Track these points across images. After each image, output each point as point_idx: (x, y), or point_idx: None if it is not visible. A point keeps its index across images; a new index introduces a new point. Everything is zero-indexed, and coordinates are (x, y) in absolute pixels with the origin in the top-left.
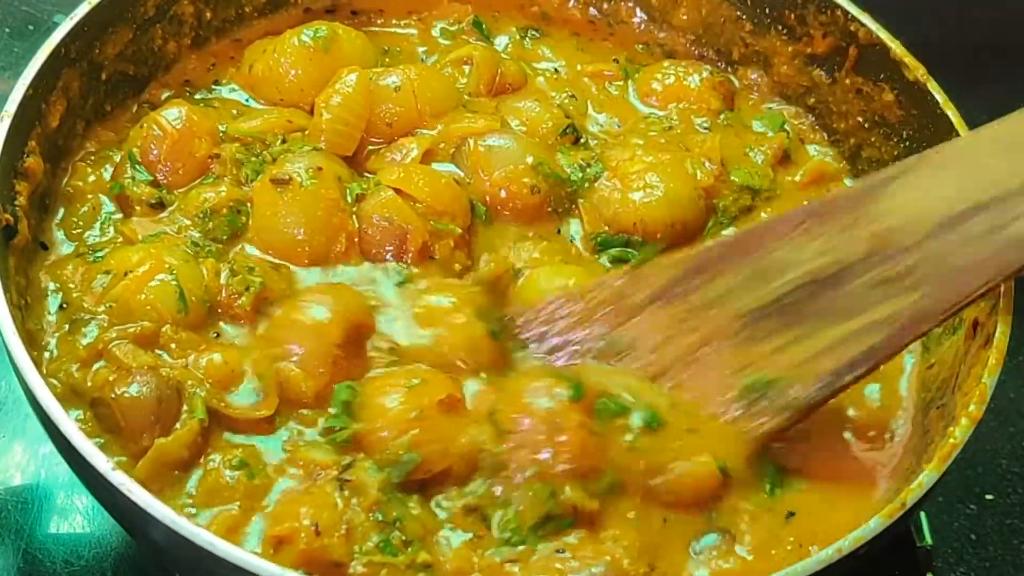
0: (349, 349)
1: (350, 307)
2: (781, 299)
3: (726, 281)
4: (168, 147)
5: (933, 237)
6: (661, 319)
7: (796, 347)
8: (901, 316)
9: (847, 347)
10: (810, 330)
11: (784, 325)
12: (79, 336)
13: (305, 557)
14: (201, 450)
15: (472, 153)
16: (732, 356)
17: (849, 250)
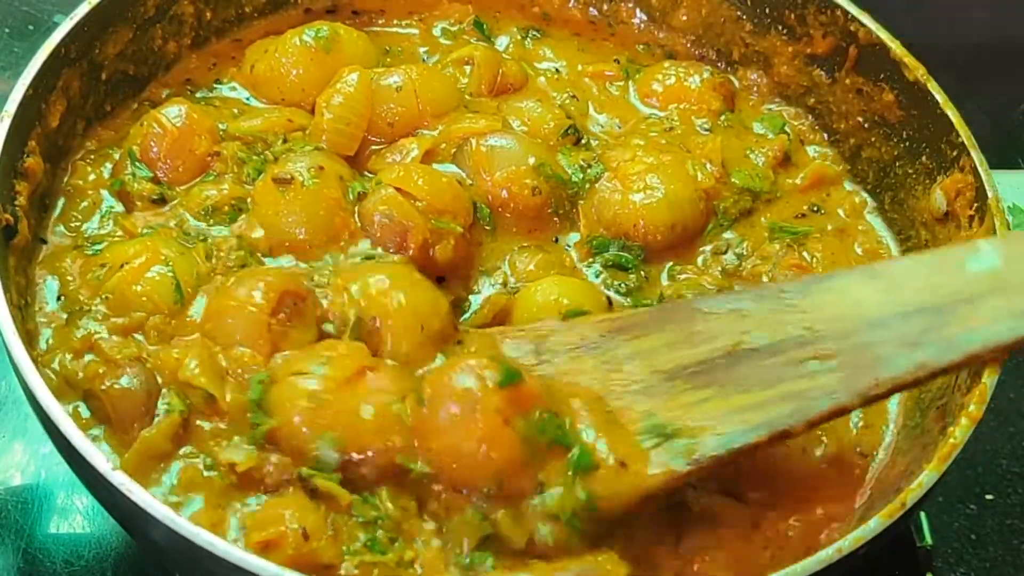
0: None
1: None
2: (703, 362)
3: (651, 341)
4: (168, 145)
5: (862, 332)
6: (585, 364)
7: (707, 405)
8: (817, 391)
9: (758, 412)
10: (725, 392)
11: (701, 385)
12: (75, 328)
13: (294, 562)
14: (183, 441)
15: (474, 153)
16: (644, 402)
17: (779, 331)
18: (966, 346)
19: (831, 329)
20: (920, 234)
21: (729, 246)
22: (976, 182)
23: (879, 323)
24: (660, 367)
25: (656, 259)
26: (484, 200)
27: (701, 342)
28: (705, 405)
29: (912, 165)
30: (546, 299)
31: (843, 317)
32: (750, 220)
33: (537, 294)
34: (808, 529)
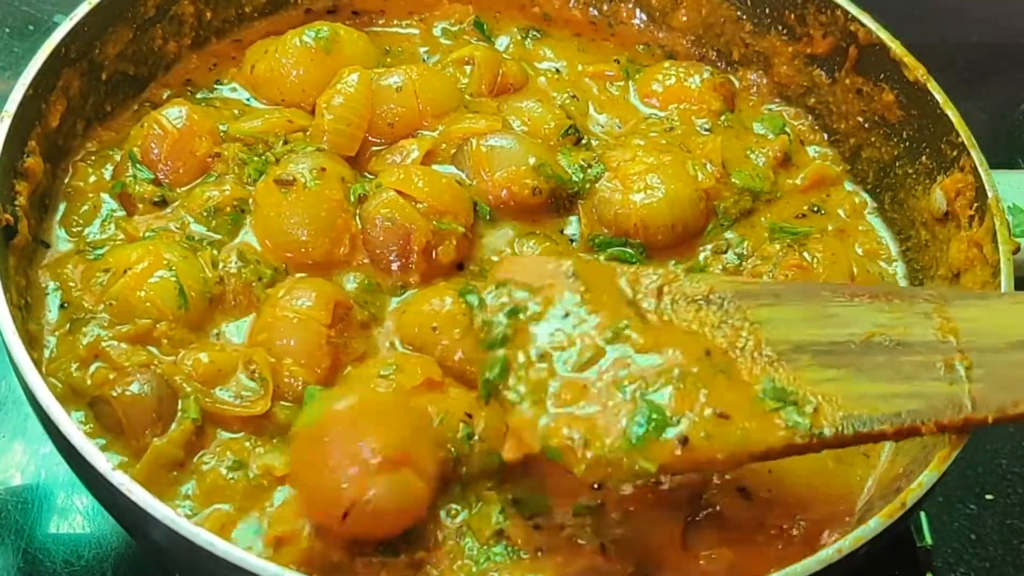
0: (342, 329)
1: (326, 288)
2: (834, 343)
3: (781, 312)
4: (169, 146)
5: (1004, 351)
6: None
7: (832, 385)
8: (951, 397)
9: (887, 403)
10: (854, 377)
11: (828, 364)
12: (79, 336)
13: (306, 556)
14: (196, 449)
15: (474, 153)
16: (766, 367)
17: (919, 331)
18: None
19: (974, 342)
20: (920, 234)
21: (729, 246)
22: (976, 182)
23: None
24: (788, 337)
25: (657, 259)
26: (484, 200)
27: (834, 326)
28: (831, 384)
29: (912, 165)
30: None
31: (988, 333)
32: (750, 220)
33: None
34: (811, 528)
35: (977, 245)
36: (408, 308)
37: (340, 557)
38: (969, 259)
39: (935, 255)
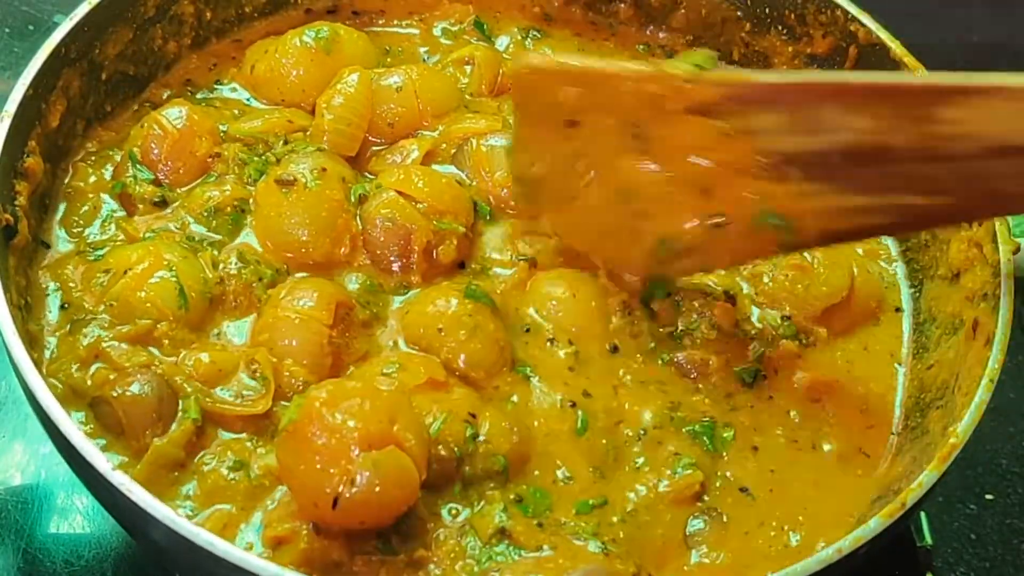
0: (344, 329)
1: (328, 288)
2: (817, 153)
3: (771, 119)
4: (169, 146)
5: (987, 158)
6: (695, 127)
7: (817, 200)
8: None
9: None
10: (836, 190)
11: (811, 177)
12: (80, 336)
13: (305, 556)
14: (197, 450)
15: (474, 153)
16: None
17: (900, 137)
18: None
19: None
20: (920, 234)
21: None
22: None
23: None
24: (780, 147)
25: None
26: (484, 199)
27: (823, 132)
28: (815, 199)
29: None
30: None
31: (974, 137)
32: None
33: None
34: (813, 528)
35: (977, 245)
36: (412, 308)
37: (340, 556)
38: (969, 259)
39: (935, 255)
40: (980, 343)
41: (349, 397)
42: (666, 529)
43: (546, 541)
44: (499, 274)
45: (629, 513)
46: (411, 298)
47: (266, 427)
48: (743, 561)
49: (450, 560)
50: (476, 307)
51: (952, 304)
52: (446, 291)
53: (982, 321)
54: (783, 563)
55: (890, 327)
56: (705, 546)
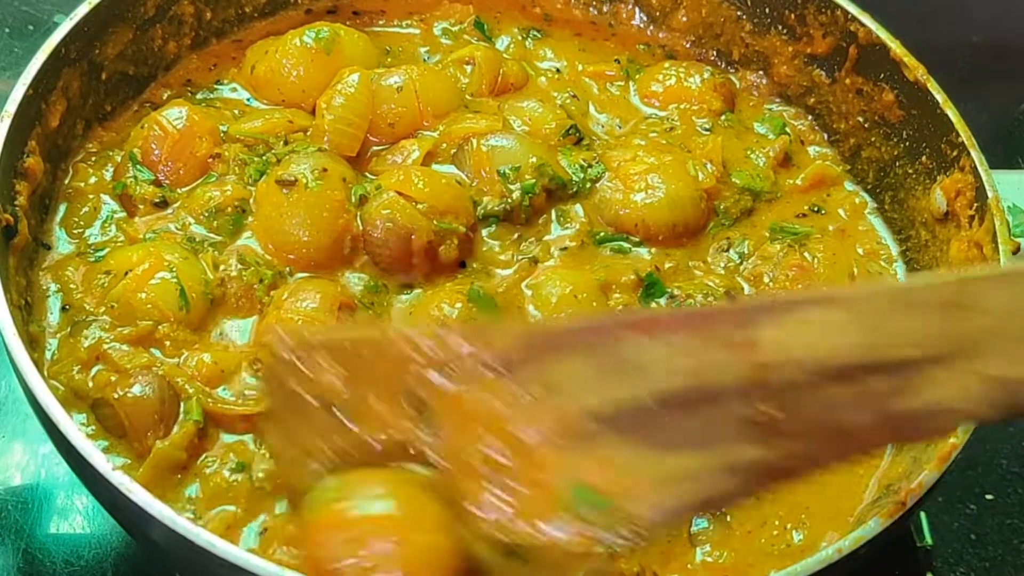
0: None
1: (331, 289)
2: (635, 406)
3: (577, 366)
4: (169, 147)
5: (819, 384)
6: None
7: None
8: (766, 465)
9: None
10: (661, 453)
11: (632, 439)
12: (80, 338)
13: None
14: (199, 452)
15: (475, 153)
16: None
17: (723, 374)
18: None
19: (783, 378)
20: (920, 234)
21: (731, 245)
22: (976, 182)
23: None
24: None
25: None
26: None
27: (633, 375)
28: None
29: (912, 165)
30: (562, 293)
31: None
32: (751, 220)
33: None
34: (815, 527)
35: (977, 245)
36: (415, 310)
37: None
38: (969, 259)
39: (935, 255)
40: None
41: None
42: (671, 528)
43: None
44: (500, 273)
45: None
46: (414, 299)
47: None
48: (746, 560)
49: None
50: (480, 310)
51: None
52: (449, 294)
53: None
54: (785, 562)
55: None
56: (708, 545)
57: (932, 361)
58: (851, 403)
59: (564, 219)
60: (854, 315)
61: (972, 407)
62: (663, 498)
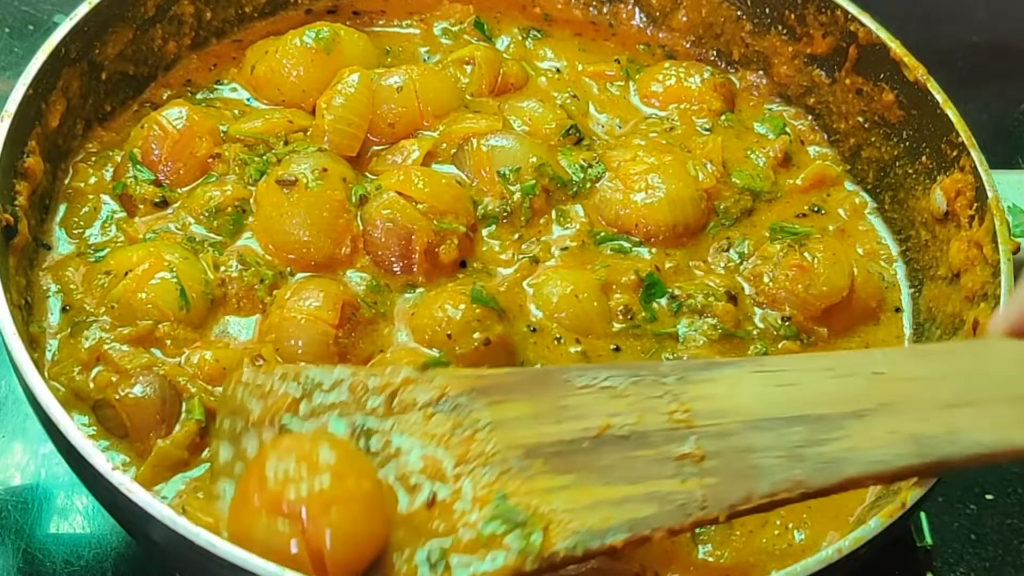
0: (350, 329)
1: (334, 288)
2: (567, 442)
3: (515, 409)
4: (169, 147)
5: (744, 432)
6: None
7: (564, 495)
8: (684, 497)
9: (619, 510)
10: (587, 481)
11: (561, 469)
12: (81, 339)
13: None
14: (200, 449)
15: (475, 153)
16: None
17: (653, 418)
18: (844, 469)
19: (709, 426)
20: (920, 234)
21: (731, 245)
22: (976, 182)
23: (762, 426)
24: (520, 441)
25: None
26: (484, 199)
27: (568, 419)
28: (563, 493)
29: (912, 165)
30: (563, 292)
31: (724, 413)
32: (751, 220)
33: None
34: (815, 527)
35: (977, 245)
36: (418, 311)
37: None
38: (969, 259)
39: (935, 255)
40: None
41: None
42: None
43: None
44: (501, 273)
45: None
46: (417, 299)
47: None
48: (747, 560)
49: None
50: (484, 311)
51: (952, 304)
52: (452, 294)
53: (982, 321)
54: (786, 561)
55: (890, 327)
56: (710, 544)
57: (851, 416)
58: (770, 448)
59: (564, 219)
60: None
61: (883, 456)
62: (587, 522)
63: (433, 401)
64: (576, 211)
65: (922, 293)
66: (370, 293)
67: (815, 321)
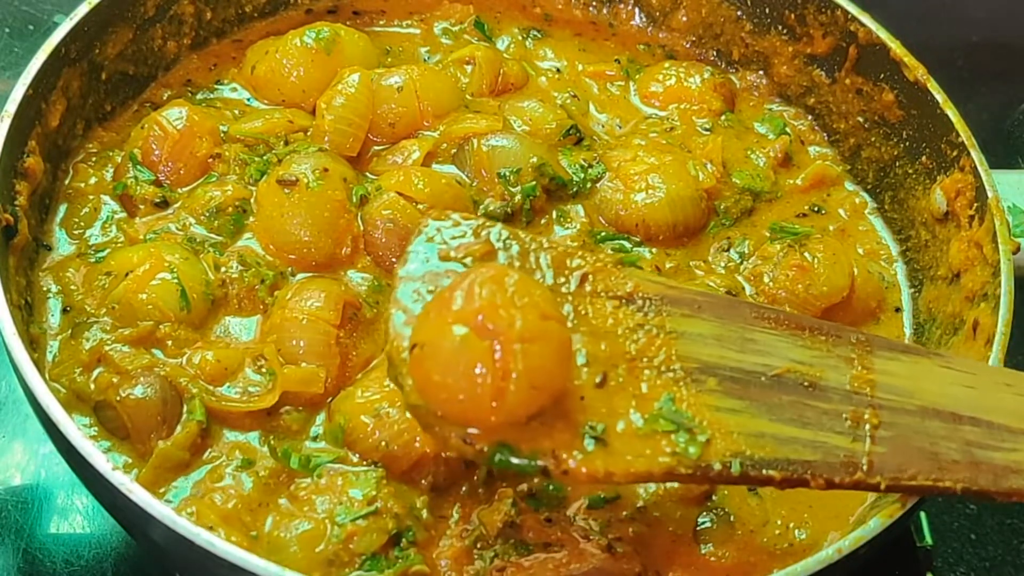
0: (348, 329)
1: (335, 288)
2: (746, 372)
3: (702, 326)
4: (169, 147)
5: (921, 415)
6: (626, 318)
7: (732, 417)
8: (849, 455)
9: (783, 447)
10: (756, 412)
11: (735, 394)
12: (82, 340)
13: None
14: (201, 450)
15: (475, 153)
16: (671, 384)
17: (835, 376)
18: (1010, 478)
19: (889, 400)
20: (920, 234)
21: (731, 245)
22: (976, 182)
23: (940, 416)
24: (700, 356)
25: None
26: (484, 199)
27: (752, 352)
28: (731, 416)
29: (912, 165)
30: None
31: (905, 392)
32: (751, 220)
33: None
34: (816, 527)
35: (977, 245)
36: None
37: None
38: (969, 259)
39: (935, 255)
40: (980, 343)
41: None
42: (676, 526)
43: (553, 537)
44: None
45: (639, 510)
46: None
47: (275, 430)
48: (749, 559)
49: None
50: None
51: (952, 304)
52: None
53: (982, 321)
54: (787, 561)
55: (890, 327)
56: (712, 544)
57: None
58: (944, 437)
59: (565, 219)
60: (967, 377)
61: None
62: (750, 448)
63: (625, 295)
64: (577, 211)
65: (922, 293)
66: (371, 293)
67: None
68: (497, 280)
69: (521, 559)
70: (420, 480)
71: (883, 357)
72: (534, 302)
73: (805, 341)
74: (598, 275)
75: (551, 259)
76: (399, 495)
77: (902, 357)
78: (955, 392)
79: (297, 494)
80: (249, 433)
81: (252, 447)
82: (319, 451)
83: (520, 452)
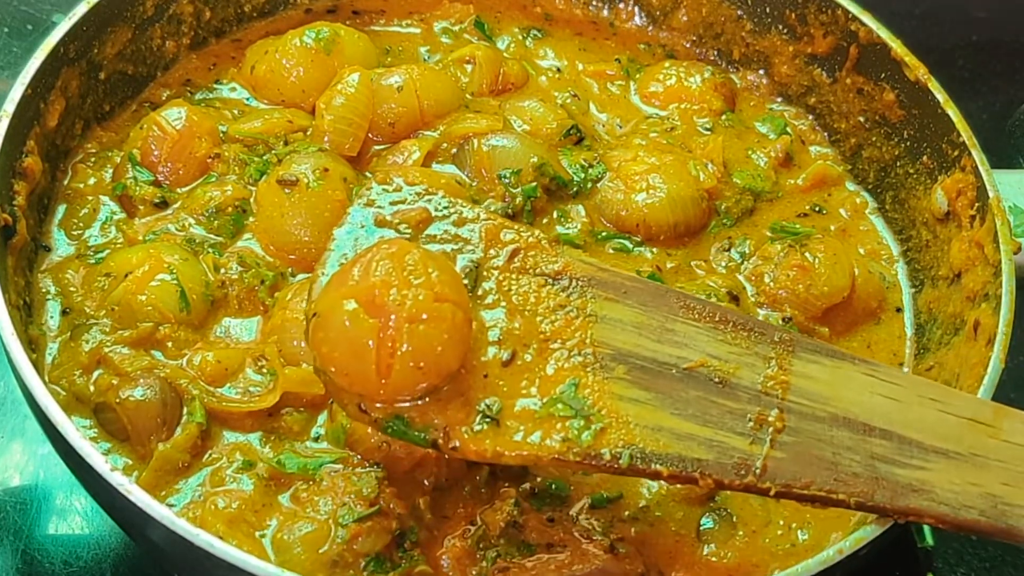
0: None
1: None
2: (658, 363)
3: (622, 312)
4: (169, 148)
5: (830, 423)
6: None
7: (634, 407)
8: (744, 457)
9: (676, 443)
10: (661, 405)
11: (642, 384)
12: (81, 342)
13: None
14: (202, 452)
15: (475, 153)
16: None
17: (749, 375)
18: (910, 497)
19: (799, 404)
20: (921, 234)
21: (732, 244)
22: (977, 182)
23: (850, 426)
24: (615, 342)
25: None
26: (485, 199)
27: (670, 343)
28: (632, 406)
29: (913, 165)
30: None
31: (820, 398)
32: (752, 220)
33: None
34: (817, 527)
35: (978, 245)
36: None
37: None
38: (970, 259)
39: (936, 255)
40: (982, 343)
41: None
42: (679, 527)
43: (554, 537)
44: None
45: (641, 509)
46: None
47: (276, 430)
48: (751, 560)
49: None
50: None
51: (953, 304)
52: None
53: (983, 321)
54: (789, 561)
55: (891, 327)
56: (714, 544)
57: (940, 453)
58: (849, 448)
59: (566, 219)
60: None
61: (954, 502)
62: (643, 440)
63: (552, 274)
64: (578, 211)
65: (923, 293)
66: None
67: (816, 321)
68: (396, 257)
69: (524, 559)
70: (422, 480)
71: (804, 359)
72: (430, 282)
73: (726, 336)
74: (529, 251)
75: (484, 231)
76: (401, 495)
77: (825, 361)
78: (873, 402)
79: (299, 495)
80: (250, 434)
81: (252, 448)
82: (320, 451)
83: (413, 424)
